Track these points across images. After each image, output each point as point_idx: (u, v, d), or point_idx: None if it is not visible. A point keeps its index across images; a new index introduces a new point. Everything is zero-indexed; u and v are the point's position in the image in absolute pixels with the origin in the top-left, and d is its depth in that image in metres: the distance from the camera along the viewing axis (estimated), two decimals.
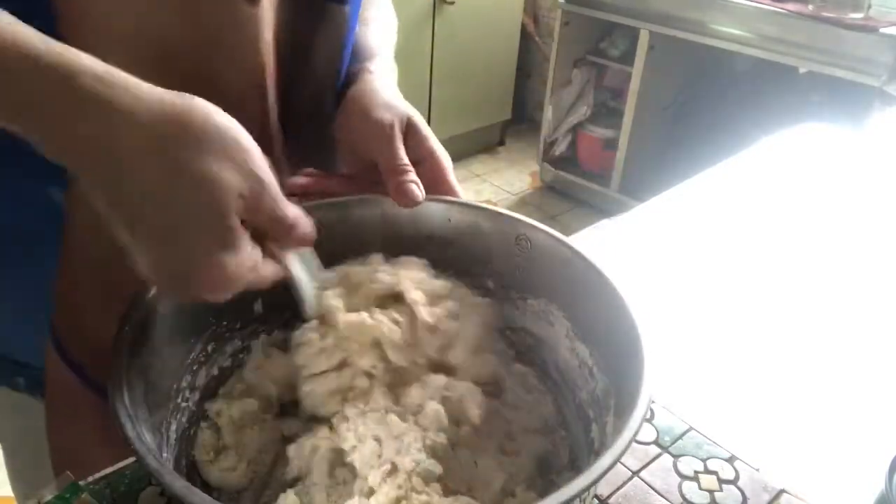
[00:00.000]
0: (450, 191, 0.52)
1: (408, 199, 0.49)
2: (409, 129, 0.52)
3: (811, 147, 1.06)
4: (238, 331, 0.47)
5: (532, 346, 0.52)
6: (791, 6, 2.01)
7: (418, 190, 0.49)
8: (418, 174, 0.50)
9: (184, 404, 0.43)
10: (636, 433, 0.34)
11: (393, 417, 0.44)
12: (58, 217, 0.48)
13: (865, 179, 0.99)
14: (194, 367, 0.44)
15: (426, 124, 0.53)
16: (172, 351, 0.42)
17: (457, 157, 3.05)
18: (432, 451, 0.42)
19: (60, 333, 0.54)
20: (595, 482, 0.32)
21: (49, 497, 0.39)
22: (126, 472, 0.46)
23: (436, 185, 0.52)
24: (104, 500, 0.44)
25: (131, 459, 0.47)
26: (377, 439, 0.42)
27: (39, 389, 0.59)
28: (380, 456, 0.42)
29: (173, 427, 0.41)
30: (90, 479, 0.46)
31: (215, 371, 0.46)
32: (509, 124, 3.22)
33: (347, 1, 0.53)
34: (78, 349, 0.54)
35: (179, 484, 0.31)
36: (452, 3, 2.61)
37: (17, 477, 0.72)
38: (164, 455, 0.39)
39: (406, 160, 0.50)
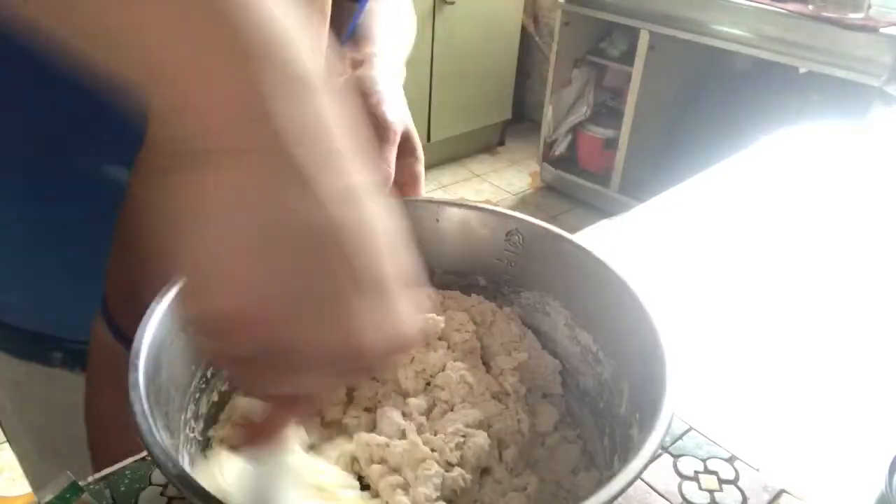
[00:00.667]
0: None
1: None
2: (405, 144, 0.51)
3: (811, 147, 1.06)
4: None
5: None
6: (791, 6, 2.01)
7: None
8: (396, 188, 0.49)
9: (191, 434, 0.42)
10: (665, 434, 0.34)
11: (415, 438, 0.43)
12: (118, 195, 0.48)
13: (865, 179, 0.99)
14: (196, 396, 0.44)
15: (419, 142, 0.53)
16: (179, 380, 0.42)
17: (457, 158, 3.07)
18: (451, 485, 0.41)
19: (111, 307, 0.53)
20: (625, 488, 0.31)
21: (49, 497, 0.39)
22: (126, 472, 0.46)
23: None
24: (104, 500, 0.44)
25: (131, 459, 0.47)
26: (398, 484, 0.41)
27: (79, 363, 0.58)
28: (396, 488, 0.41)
29: (185, 459, 0.41)
30: (90, 479, 0.46)
31: (215, 397, 0.46)
32: (509, 124, 3.22)
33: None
34: (129, 323, 0.54)
35: None
36: (452, 3, 2.61)
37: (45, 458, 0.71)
38: None
39: (391, 169, 0.48)
